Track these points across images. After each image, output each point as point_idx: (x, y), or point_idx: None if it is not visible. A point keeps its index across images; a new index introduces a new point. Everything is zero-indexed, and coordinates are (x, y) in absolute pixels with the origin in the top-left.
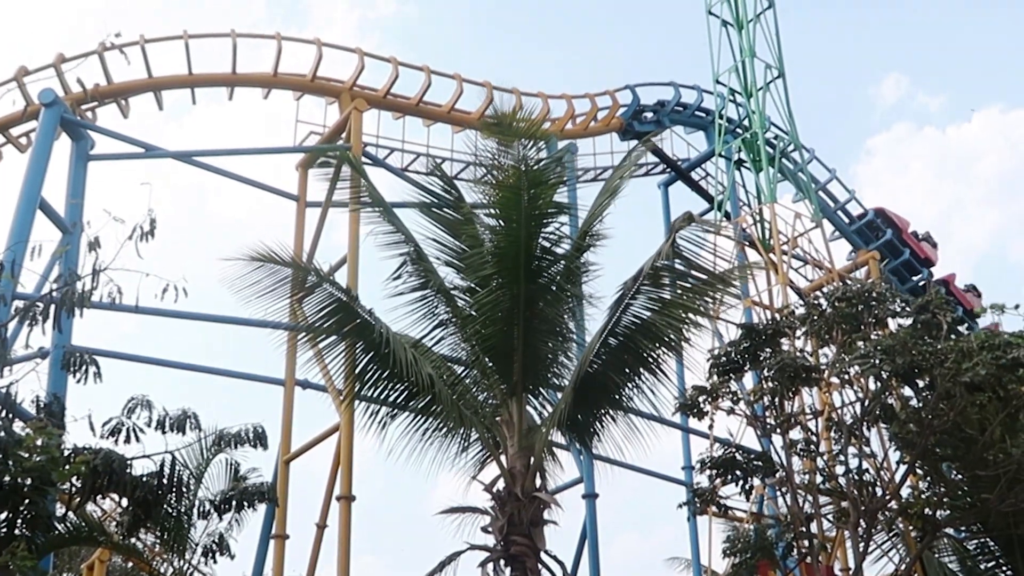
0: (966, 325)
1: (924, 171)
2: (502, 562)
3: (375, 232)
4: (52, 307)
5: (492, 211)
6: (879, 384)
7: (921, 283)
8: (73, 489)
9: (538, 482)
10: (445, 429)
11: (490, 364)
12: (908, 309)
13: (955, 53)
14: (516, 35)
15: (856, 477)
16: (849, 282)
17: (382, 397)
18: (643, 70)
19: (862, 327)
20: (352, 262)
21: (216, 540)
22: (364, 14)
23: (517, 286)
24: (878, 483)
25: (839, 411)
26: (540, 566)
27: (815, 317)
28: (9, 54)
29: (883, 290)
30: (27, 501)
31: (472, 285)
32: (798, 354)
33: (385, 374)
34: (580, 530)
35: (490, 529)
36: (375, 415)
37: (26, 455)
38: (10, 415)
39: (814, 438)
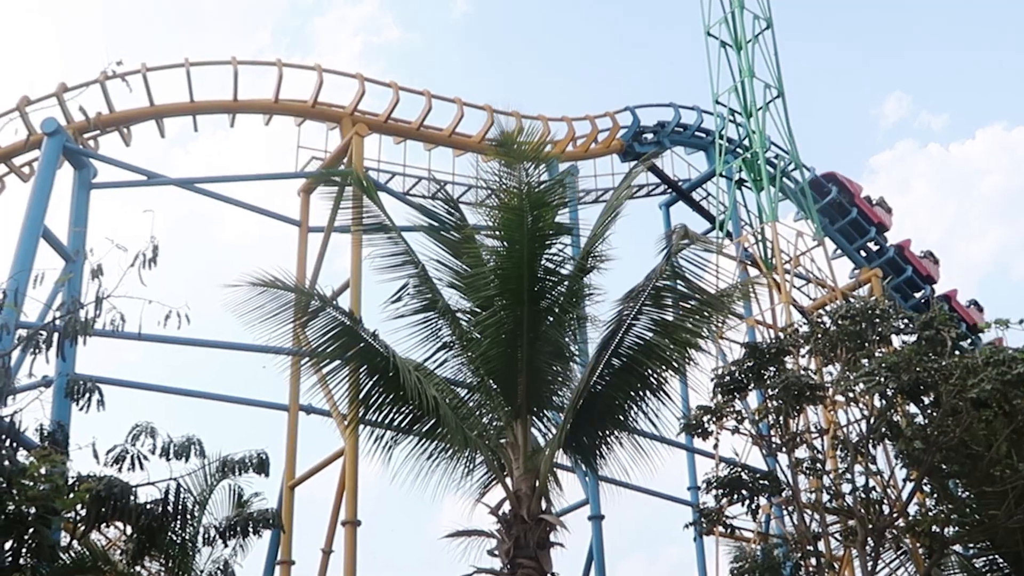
0: (969, 341)
1: (927, 189)
2: None
3: (377, 255)
4: (55, 335)
5: (495, 233)
6: (884, 401)
7: (923, 300)
8: (78, 517)
9: (544, 504)
10: (450, 452)
11: (494, 386)
12: (912, 326)
13: (958, 71)
14: (518, 59)
15: (863, 495)
16: (852, 300)
17: (386, 421)
18: (643, 92)
19: (866, 345)
20: (355, 286)
21: (221, 567)
22: (368, 40)
23: (520, 307)
24: (885, 501)
25: (844, 429)
26: None
27: (819, 335)
28: (11, 84)
29: (886, 307)
30: (31, 530)
31: (475, 307)
32: (802, 372)
33: (389, 398)
34: (587, 552)
35: (496, 552)
36: (380, 439)
37: (30, 484)
38: (14, 444)
39: (820, 456)
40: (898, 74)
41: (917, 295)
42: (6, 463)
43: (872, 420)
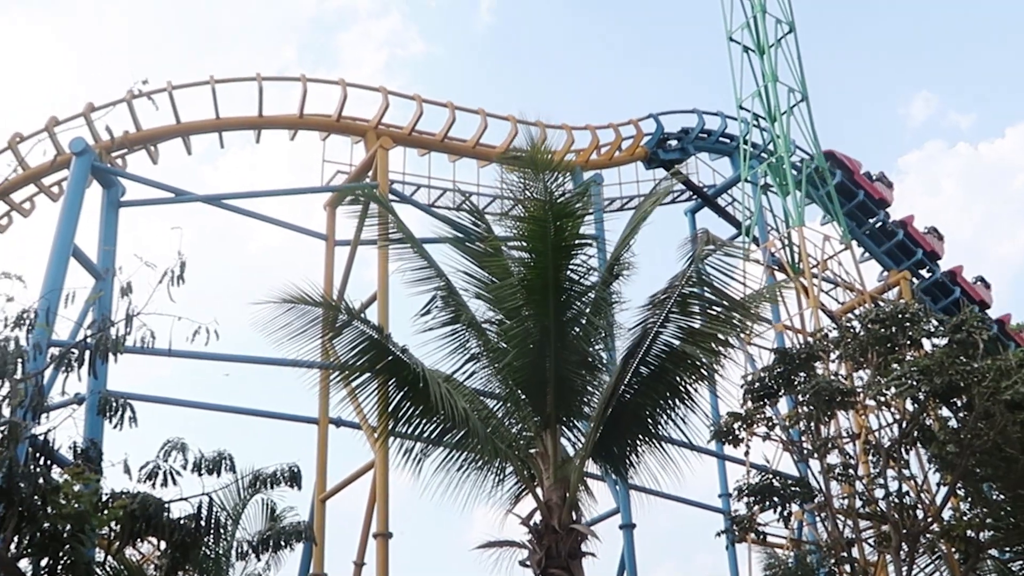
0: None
1: (957, 188)
2: None
3: (404, 268)
4: (87, 353)
5: (519, 244)
6: (916, 405)
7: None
8: (112, 534)
9: (575, 514)
10: (480, 463)
11: (523, 396)
12: (943, 329)
13: (984, 70)
14: (542, 69)
15: (896, 500)
16: (881, 303)
17: (416, 433)
18: (666, 98)
19: (896, 348)
20: (382, 299)
21: None
22: (393, 53)
23: (547, 317)
24: (919, 506)
25: (876, 434)
26: None
27: (848, 340)
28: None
29: (916, 310)
30: (67, 547)
31: (502, 317)
32: (833, 377)
33: (419, 410)
34: (618, 561)
35: (528, 563)
36: (410, 451)
37: (64, 501)
38: (48, 462)
39: (852, 462)
40: (924, 74)
41: (924, 272)
42: (40, 481)
43: (904, 424)
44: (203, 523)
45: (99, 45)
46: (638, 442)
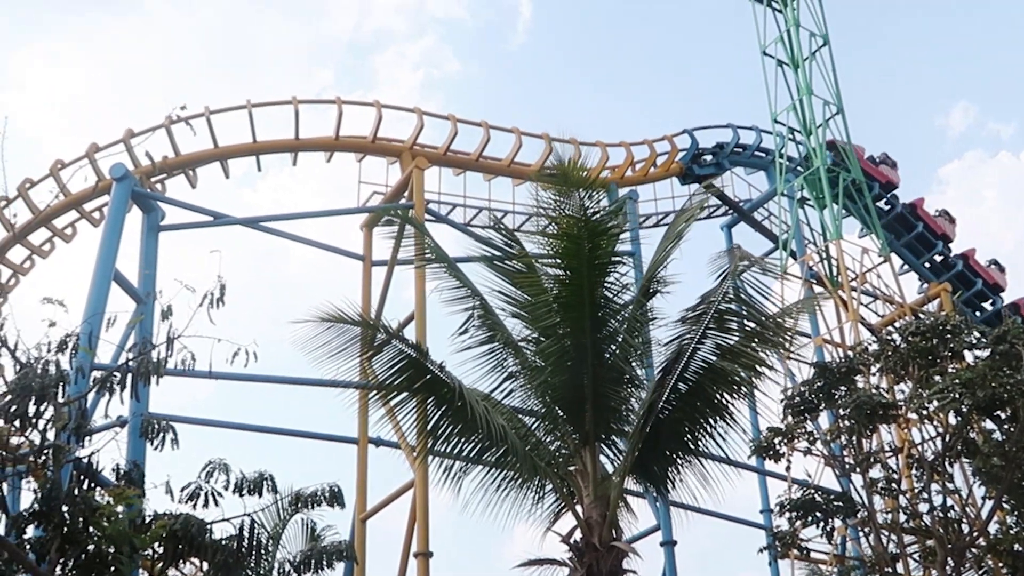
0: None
1: (999, 198)
2: None
3: (441, 288)
4: (129, 376)
5: (555, 262)
6: (959, 418)
7: (994, 311)
8: (155, 555)
9: (615, 531)
10: (519, 481)
11: (561, 414)
12: (985, 340)
13: None
14: (576, 87)
15: (941, 515)
16: (922, 316)
17: (455, 451)
18: (701, 113)
19: (938, 361)
20: (420, 318)
21: None
22: (429, 73)
23: (583, 335)
24: (964, 520)
25: (919, 447)
26: None
27: (889, 353)
28: (81, 132)
29: (958, 322)
30: (111, 569)
31: (539, 336)
32: (874, 391)
33: (457, 428)
34: None
35: None
36: (449, 470)
37: (107, 523)
38: (92, 484)
39: (895, 476)
40: (962, 84)
41: (986, 305)
42: (82, 504)
43: (947, 438)
44: (245, 544)
45: (138, 71)
46: (677, 458)
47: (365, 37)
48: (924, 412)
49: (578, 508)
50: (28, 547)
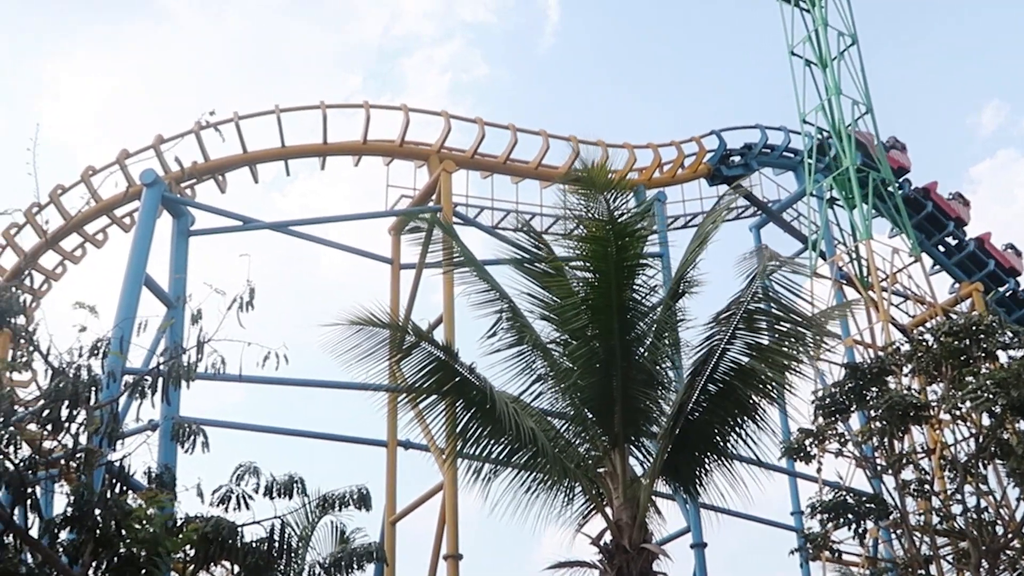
0: (1007, 287)
1: None
2: None
3: (469, 291)
4: (160, 380)
5: (582, 264)
6: (993, 419)
7: (1008, 292)
8: (187, 558)
9: (645, 533)
10: (549, 483)
11: (590, 416)
12: (1018, 340)
13: None
14: (603, 89)
15: (975, 516)
16: (954, 316)
17: (484, 454)
18: (728, 115)
19: (971, 361)
20: (448, 321)
21: None
22: (457, 77)
23: (612, 337)
24: (998, 521)
25: (952, 449)
26: None
27: (921, 353)
28: (111, 138)
29: (991, 322)
30: (143, 572)
31: (567, 338)
32: (906, 392)
33: (487, 431)
34: None
35: None
36: (478, 472)
37: (139, 526)
38: (124, 487)
39: (928, 477)
40: (993, 83)
41: (1000, 289)
42: (114, 507)
43: (981, 439)
44: (276, 546)
45: (168, 79)
46: (707, 460)
47: (393, 42)
48: (957, 413)
49: (608, 510)
50: (61, 550)
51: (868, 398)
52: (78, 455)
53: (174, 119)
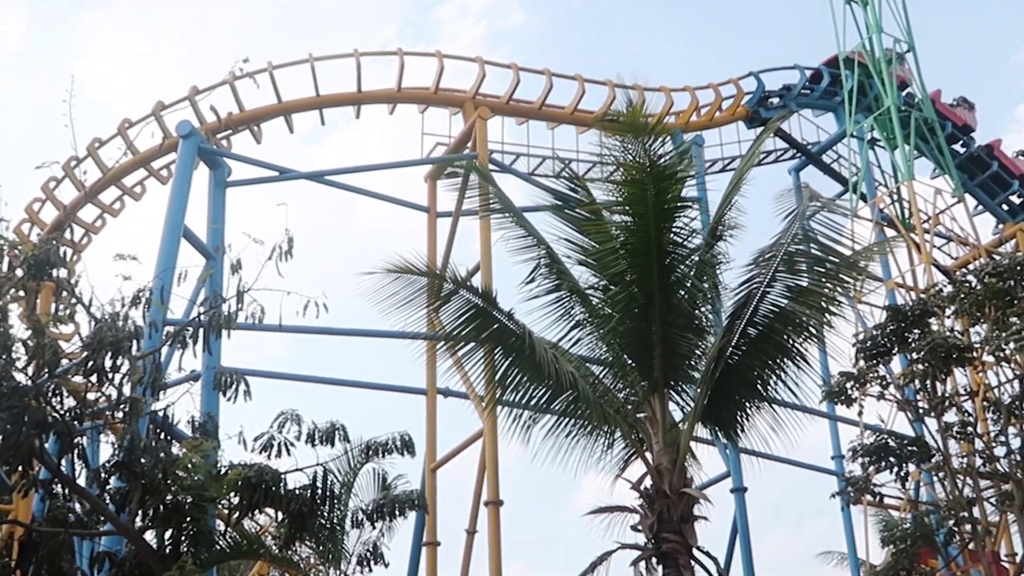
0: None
1: None
2: (654, 560)
3: (507, 237)
4: (201, 330)
5: (621, 208)
6: None
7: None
8: (230, 505)
9: (685, 478)
10: (588, 429)
11: (629, 362)
12: None
13: None
14: (640, 32)
15: (1018, 458)
16: (997, 256)
17: (524, 400)
18: (767, 55)
19: (1016, 302)
20: (486, 268)
21: (370, 549)
22: (492, 25)
23: (651, 281)
24: None
25: (996, 391)
26: (693, 563)
27: (964, 295)
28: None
29: None
30: (188, 519)
31: (606, 283)
32: (948, 334)
33: (526, 377)
34: (731, 526)
35: (640, 527)
36: (518, 419)
37: (184, 474)
38: (168, 437)
39: (971, 420)
40: None
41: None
42: (162, 455)
43: None
44: (318, 493)
45: (203, 33)
46: (747, 404)
47: None
48: (1001, 354)
49: (648, 455)
50: (108, 498)
51: (910, 340)
52: (122, 405)
53: (210, 73)
